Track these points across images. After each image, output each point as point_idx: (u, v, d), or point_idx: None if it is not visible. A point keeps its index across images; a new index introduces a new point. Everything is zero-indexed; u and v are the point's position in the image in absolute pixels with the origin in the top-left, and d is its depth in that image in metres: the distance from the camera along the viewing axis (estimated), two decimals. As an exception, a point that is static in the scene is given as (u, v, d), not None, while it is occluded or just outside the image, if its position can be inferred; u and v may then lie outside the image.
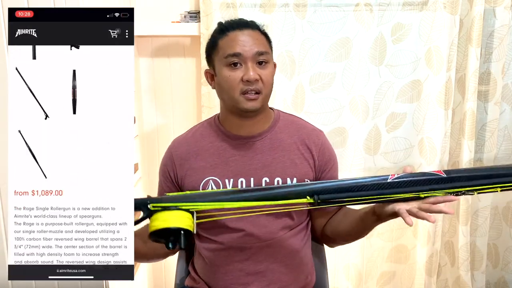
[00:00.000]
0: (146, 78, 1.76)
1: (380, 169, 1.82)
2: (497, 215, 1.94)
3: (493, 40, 1.73)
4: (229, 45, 1.02)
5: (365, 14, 1.67)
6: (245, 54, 1.00)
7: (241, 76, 1.00)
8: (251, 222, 1.05)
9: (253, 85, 1.00)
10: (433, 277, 1.89)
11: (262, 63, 1.02)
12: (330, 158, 1.12)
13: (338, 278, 1.90)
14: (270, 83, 1.04)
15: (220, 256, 1.07)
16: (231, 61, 1.01)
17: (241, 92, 1.01)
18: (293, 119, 1.15)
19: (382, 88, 1.76)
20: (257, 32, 1.04)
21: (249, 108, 1.02)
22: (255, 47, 1.01)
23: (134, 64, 0.75)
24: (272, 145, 1.08)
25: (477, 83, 1.70)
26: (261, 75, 1.01)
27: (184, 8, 1.68)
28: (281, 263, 1.06)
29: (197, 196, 0.89)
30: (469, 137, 1.74)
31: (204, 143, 1.10)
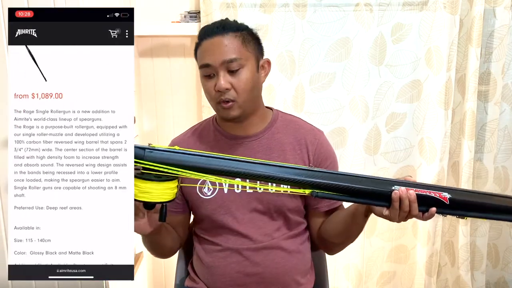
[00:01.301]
0: (146, 78, 1.76)
1: (380, 169, 1.82)
2: (497, 215, 1.93)
3: (493, 40, 1.73)
4: (200, 56, 1.02)
5: (365, 14, 1.67)
6: (213, 64, 0.99)
7: (214, 86, 1.00)
8: (248, 225, 1.05)
9: (225, 94, 0.99)
10: (433, 277, 1.89)
11: (235, 71, 1.00)
12: (326, 158, 1.10)
13: (338, 278, 1.90)
14: (246, 89, 1.01)
15: (217, 257, 1.07)
16: (204, 72, 1.02)
17: (216, 101, 1.02)
18: (291, 119, 1.14)
19: (382, 88, 1.76)
20: (229, 36, 1.00)
21: (227, 117, 1.02)
22: (222, 56, 0.99)
23: (134, 64, 0.75)
24: (268, 145, 1.07)
25: (477, 83, 1.70)
26: (232, 83, 0.99)
27: (184, 8, 1.68)
28: (279, 264, 1.06)
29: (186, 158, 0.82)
30: (469, 137, 1.74)
31: (202, 144, 1.10)
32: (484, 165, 1.84)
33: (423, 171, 1.82)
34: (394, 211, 0.87)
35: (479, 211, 0.89)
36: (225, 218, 1.05)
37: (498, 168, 1.87)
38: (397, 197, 0.86)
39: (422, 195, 0.87)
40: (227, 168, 0.83)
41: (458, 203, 0.88)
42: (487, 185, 1.83)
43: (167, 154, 0.82)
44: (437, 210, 0.87)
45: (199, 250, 1.11)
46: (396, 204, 0.86)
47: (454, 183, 1.83)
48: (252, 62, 1.03)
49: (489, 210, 0.89)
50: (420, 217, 0.89)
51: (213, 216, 1.06)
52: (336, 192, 0.86)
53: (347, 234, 1.06)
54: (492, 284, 2.00)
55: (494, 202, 0.90)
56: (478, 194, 0.91)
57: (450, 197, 0.87)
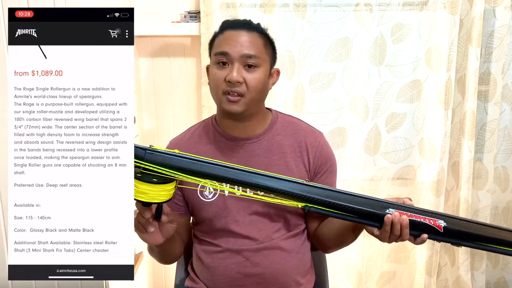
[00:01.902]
0: (146, 78, 1.76)
1: (380, 169, 1.83)
2: (497, 215, 1.94)
3: (493, 40, 1.73)
4: (220, 43, 1.01)
5: (365, 14, 1.67)
6: (232, 54, 0.98)
7: (225, 76, 0.99)
8: (248, 226, 1.05)
9: (235, 86, 0.98)
10: (433, 277, 1.89)
11: (251, 67, 1.00)
12: (326, 161, 1.10)
13: (338, 278, 1.90)
14: (257, 89, 1.00)
15: (217, 258, 1.07)
16: (219, 59, 1.00)
17: (223, 92, 1.00)
18: (291, 120, 1.13)
19: (382, 88, 1.76)
20: (254, 35, 1.01)
21: (230, 110, 1.01)
22: (244, 49, 0.99)
23: (134, 64, 0.75)
24: (268, 148, 1.07)
25: (477, 83, 1.70)
26: (246, 79, 0.99)
27: (184, 8, 1.68)
28: (279, 265, 1.06)
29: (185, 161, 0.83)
30: (469, 137, 1.74)
31: (201, 145, 1.09)
32: (484, 165, 1.84)
33: (423, 171, 1.82)
34: (385, 233, 0.87)
35: (474, 242, 0.88)
36: (226, 221, 1.05)
37: (498, 168, 1.87)
38: (389, 221, 0.86)
39: (416, 221, 0.86)
40: (226, 176, 0.84)
41: (452, 232, 0.87)
42: (487, 185, 1.83)
43: (167, 157, 0.82)
44: (431, 236, 0.87)
45: (199, 251, 1.11)
46: (388, 228, 0.86)
47: (454, 183, 1.84)
48: (267, 66, 1.03)
49: (485, 242, 0.88)
50: (412, 241, 0.89)
51: (214, 219, 1.06)
52: (330, 209, 0.87)
53: (341, 240, 1.07)
54: (492, 284, 2.00)
55: (490, 234, 0.88)
56: (475, 225, 0.89)
57: (445, 225, 0.87)
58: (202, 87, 1.69)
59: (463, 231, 0.87)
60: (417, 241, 0.88)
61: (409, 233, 0.86)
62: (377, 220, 0.87)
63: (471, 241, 0.88)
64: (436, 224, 0.86)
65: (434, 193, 1.82)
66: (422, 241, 0.88)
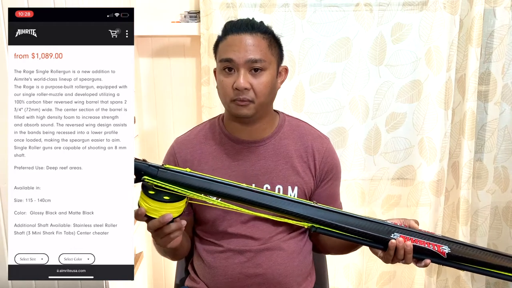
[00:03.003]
0: (146, 78, 1.76)
1: (380, 169, 1.82)
2: (497, 215, 1.94)
3: (493, 40, 1.73)
4: (224, 49, 1.00)
5: (365, 14, 1.67)
6: (237, 61, 0.97)
7: (232, 83, 0.98)
8: (250, 227, 1.05)
9: (243, 94, 0.98)
10: (433, 277, 1.89)
11: (258, 71, 0.99)
12: (332, 168, 1.10)
13: (338, 278, 1.90)
14: (265, 93, 1.00)
15: (219, 258, 1.07)
16: (225, 66, 0.99)
17: (231, 99, 0.99)
18: (298, 123, 1.13)
19: (382, 88, 1.76)
20: (257, 37, 1.00)
21: (240, 114, 1.00)
22: (248, 54, 0.98)
23: (134, 64, 0.75)
24: (275, 151, 1.07)
25: (477, 83, 1.70)
26: (253, 84, 0.98)
27: (184, 8, 1.68)
28: (281, 266, 1.06)
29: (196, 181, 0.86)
30: (469, 137, 1.74)
31: (207, 146, 1.08)
32: (484, 165, 1.84)
33: (423, 171, 1.82)
34: (388, 256, 0.90)
35: (476, 267, 0.90)
36: (229, 222, 1.05)
37: (498, 168, 1.87)
38: (393, 247, 0.88)
39: (420, 247, 0.89)
40: (235, 195, 0.86)
41: (455, 258, 0.89)
42: (487, 185, 1.83)
43: (178, 175, 0.85)
44: (434, 261, 0.89)
45: (201, 250, 1.11)
46: (392, 252, 0.89)
47: (454, 183, 1.84)
48: (274, 66, 1.03)
49: (486, 267, 0.89)
50: (415, 263, 0.91)
51: (217, 221, 1.06)
52: (337, 230, 0.89)
53: (341, 249, 1.10)
54: (492, 284, 2.00)
55: (493, 261, 0.89)
56: (478, 251, 0.90)
57: (448, 252, 0.88)
58: (202, 87, 1.69)
59: (466, 258, 0.89)
60: (420, 265, 0.91)
61: (412, 258, 0.89)
62: (381, 243, 0.90)
63: (473, 266, 0.90)
64: (440, 250, 0.89)
65: (434, 193, 1.82)
66: (425, 266, 0.90)
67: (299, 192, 1.06)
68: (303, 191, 1.06)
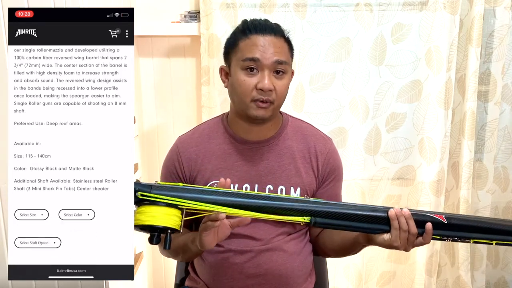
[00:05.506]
0: (146, 78, 1.76)
1: (380, 169, 1.82)
2: (497, 215, 1.94)
3: (493, 40, 1.73)
4: (248, 48, 0.99)
5: (365, 14, 1.67)
6: (263, 61, 0.97)
7: (256, 83, 0.98)
8: (251, 227, 1.05)
9: (266, 95, 0.98)
10: (433, 277, 1.89)
11: (280, 73, 0.99)
12: (334, 169, 1.10)
13: (338, 279, 1.90)
14: (284, 95, 1.02)
15: (220, 258, 1.07)
16: (248, 65, 0.99)
17: (252, 99, 0.99)
18: (301, 124, 1.13)
19: (382, 88, 1.76)
20: (280, 39, 1.01)
21: (258, 116, 1.00)
22: (275, 56, 0.98)
23: (134, 64, 0.74)
24: (278, 152, 1.07)
25: (477, 83, 1.70)
26: (275, 86, 0.98)
27: (184, 8, 1.68)
28: (281, 266, 1.06)
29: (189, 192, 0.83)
30: (469, 137, 1.74)
31: (211, 145, 1.08)
32: (484, 165, 1.84)
33: (423, 171, 1.82)
34: (395, 231, 0.88)
35: (482, 233, 0.88)
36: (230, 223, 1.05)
37: (498, 168, 1.87)
38: (393, 215, 0.87)
39: (419, 215, 0.88)
40: (231, 203, 0.84)
41: (456, 226, 0.88)
42: (487, 185, 1.83)
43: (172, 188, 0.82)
44: (437, 231, 0.88)
45: (201, 250, 1.11)
46: (395, 223, 0.87)
47: (454, 183, 1.84)
48: (290, 69, 1.04)
49: (491, 233, 0.89)
50: (421, 241, 0.89)
51: None
52: (335, 219, 0.87)
53: (343, 252, 1.08)
54: (492, 284, 2.00)
55: (495, 226, 0.89)
56: (477, 217, 0.91)
57: (447, 217, 0.88)
58: (202, 87, 1.69)
59: (465, 225, 0.88)
60: (425, 237, 0.88)
61: (415, 226, 0.87)
62: (383, 222, 0.88)
63: (481, 233, 0.89)
64: (439, 216, 0.88)
65: (434, 193, 1.82)
66: (429, 232, 0.87)
67: (301, 193, 1.06)
68: (306, 192, 1.07)
